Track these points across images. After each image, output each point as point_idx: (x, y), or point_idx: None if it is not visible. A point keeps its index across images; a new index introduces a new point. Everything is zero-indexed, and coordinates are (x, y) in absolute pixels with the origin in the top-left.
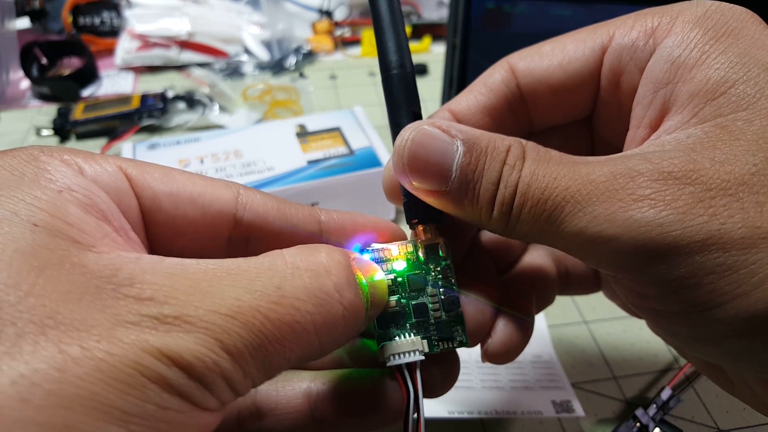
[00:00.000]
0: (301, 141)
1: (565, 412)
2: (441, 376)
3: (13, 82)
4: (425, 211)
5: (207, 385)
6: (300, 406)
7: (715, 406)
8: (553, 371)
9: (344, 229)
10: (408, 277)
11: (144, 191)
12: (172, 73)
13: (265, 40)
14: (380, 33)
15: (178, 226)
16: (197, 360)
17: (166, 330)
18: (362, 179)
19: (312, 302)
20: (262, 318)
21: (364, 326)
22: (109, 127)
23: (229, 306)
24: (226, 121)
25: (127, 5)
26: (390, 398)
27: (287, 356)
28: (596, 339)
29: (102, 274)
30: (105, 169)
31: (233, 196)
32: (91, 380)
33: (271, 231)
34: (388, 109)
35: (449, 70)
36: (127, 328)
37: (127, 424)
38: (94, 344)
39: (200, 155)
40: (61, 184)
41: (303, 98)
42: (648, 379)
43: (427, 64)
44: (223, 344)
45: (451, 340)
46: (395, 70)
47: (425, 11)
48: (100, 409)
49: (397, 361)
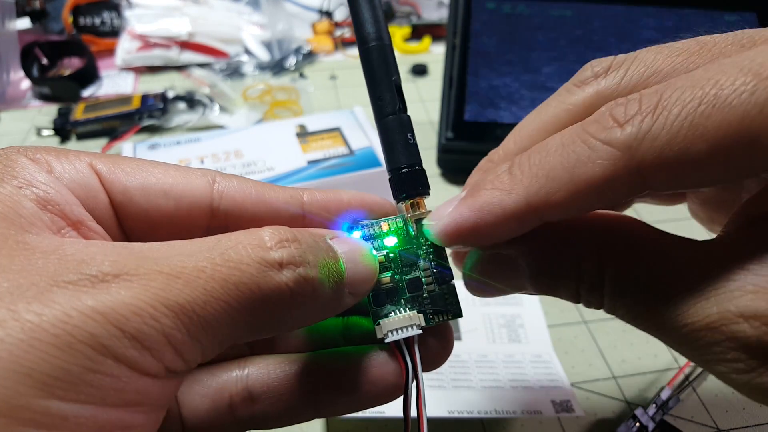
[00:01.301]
0: (301, 141)
1: (564, 412)
2: (437, 348)
3: (13, 82)
4: (412, 185)
5: (146, 344)
6: (293, 388)
7: (714, 405)
8: (553, 371)
9: (328, 208)
10: (400, 252)
11: (114, 186)
12: (172, 73)
13: (265, 41)
14: (356, 7)
15: (152, 218)
16: (134, 315)
17: (104, 287)
18: (362, 179)
19: (255, 267)
20: (206, 277)
21: (346, 303)
22: (110, 128)
23: (173, 266)
24: (226, 121)
25: (127, 6)
26: (385, 372)
27: (237, 321)
28: (596, 339)
29: (46, 249)
30: (74, 166)
31: (208, 186)
32: (12, 342)
33: (251, 218)
34: (368, 82)
35: (449, 71)
36: (63, 288)
37: (50, 387)
38: (24, 306)
39: (200, 155)
40: (22, 181)
41: (303, 98)
42: (647, 379)
43: (427, 65)
44: (163, 298)
45: (445, 313)
46: (373, 43)
47: (425, 12)
48: (20, 371)
49: (396, 336)
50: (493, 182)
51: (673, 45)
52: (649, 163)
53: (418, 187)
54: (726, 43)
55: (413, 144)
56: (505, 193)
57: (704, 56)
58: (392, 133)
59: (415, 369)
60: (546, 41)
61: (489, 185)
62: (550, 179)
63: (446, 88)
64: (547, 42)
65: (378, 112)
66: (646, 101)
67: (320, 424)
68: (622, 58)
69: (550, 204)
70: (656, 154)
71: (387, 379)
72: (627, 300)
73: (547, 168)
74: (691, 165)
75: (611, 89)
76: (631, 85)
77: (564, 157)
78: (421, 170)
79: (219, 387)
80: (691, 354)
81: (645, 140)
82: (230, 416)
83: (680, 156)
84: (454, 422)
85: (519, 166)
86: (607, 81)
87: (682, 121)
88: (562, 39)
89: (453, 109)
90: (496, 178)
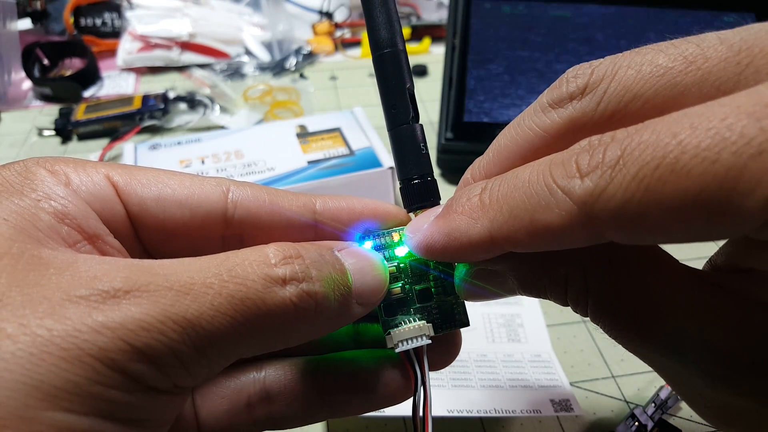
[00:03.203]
0: (302, 141)
1: (563, 411)
2: (443, 353)
3: (15, 82)
4: (423, 196)
5: (153, 358)
6: (308, 388)
7: None
8: (552, 370)
9: (340, 217)
10: (410, 263)
11: (130, 197)
12: (173, 74)
13: (266, 42)
14: (370, 10)
15: (168, 229)
16: (142, 330)
17: (114, 303)
18: (362, 179)
19: (260, 283)
20: (213, 293)
21: (356, 314)
22: (111, 128)
23: (182, 282)
24: (227, 121)
25: (128, 6)
26: (396, 375)
27: (244, 336)
28: (595, 338)
29: (60, 265)
30: (91, 178)
31: (222, 196)
32: (23, 356)
33: (266, 226)
34: (381, 89)
35: (449, 71)
36: (74, 303)
37: (58, 399)
38: (36, 321)
39: (201, 156)
40: (40, 194)
41: (303, 99)
42: (646, 378)
43: (427, 65)
44: (172, 313)
45: (453, 322)
46: (387, 49)
47: (425, 12)
48: (29, 384)
49: (406, 346)
50: (463, 206)
51: (657, 60)
52: (604, 222)
53: (429, 198)
54: (718, 60)
55: (425, 154)
56: (472, 222)
57: (690, 78)
58: (405, 143)
59: (423, 375)
60: (545, 42)
61: (459, 209)
62: (512, 217)
63: (446, 89)
64: (546, 42)
65: (391, 120)
66: (610, 152)
67: (321, 423)
68: (601, 73)
69: (511, 241)
70: (610, 215)
71: (397, 381)
72: (606, 318)
73: (511, 204)
74: (646, 229)
75: (587, 117)
76: (609, 112)
77: (528, 197)
78: (432, 180)
79: (237, 388)
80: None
81: (600, 199)
82: (248, 416)
83: (635, 219)
84: (454, 421)
85: (489, 194)
86: (582, 105)
87: (638, 183)
88: (561, 39)
89: (452, 110)
90: (468, 201)
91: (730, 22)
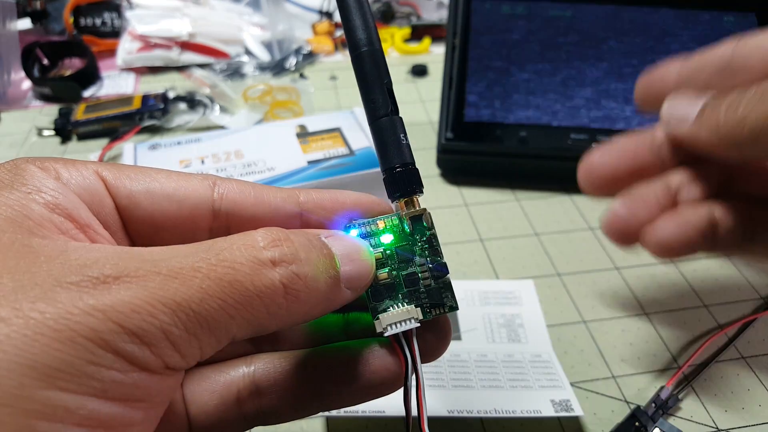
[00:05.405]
0: (302, 141)
1: (564, 412)
2: (435, 341)
3: (14, 82)
4: (406, 184)
5: (144, 339)
6: (298, 381)
7: (713, 405)
8: (552, 371)
9: (324, 207)
10: (396, 249)
11: (119, 191)
12: (173, 73)
13: (266, 41)
14: (347, 14)
15: (156, 221)
16: (132, 312)
17: (105, 288)
18: (362, 179)
19: (249, 266)
20: (202, 276)
21: (345, 298)
22: (111, 128)
23: (171, 267)
24: (226, 121)
25: (128, 6)
26: (386, 363)
27: (234, 318)
28: (595, 338)
29: (51, 253)
30: (80, 173)
31: (209, 189)
32: (16, 337)
33: (251, 218)
34: (360, 86)
35: (449, 71)
36: (65, 288)
37: (54, 379)
38: (28, 305)
39: (201, 156)
40: (31, 187)
41: (303, 99)
42: (647, 379)
43: (427, 65)
44: (161, 297)
45: (442, 306)
46: (364, 48)
47: (425, 12)
48: (24, 363)
49: (394, 330)
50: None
51: None
52: None
53: (412, 185)
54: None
55: (406, 144)
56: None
57: None
58: (385, 134)
59: (414, 361)
60: (545, 42)
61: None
62: None
63: (446, 89)
64: (546, 42)
65: (371, 114)
66: None
67: (321, 424)
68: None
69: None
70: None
71: (388, 369)
72: None
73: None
74: None
75: None
76: None
77: None
78: (414, 169)
79: (227, 382)
80: None
81: None
82: (238, 411)
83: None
84: (454, 422)
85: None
86: None
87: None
88: (561, 39)
89: (453, 110)
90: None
91: (731, 22)
